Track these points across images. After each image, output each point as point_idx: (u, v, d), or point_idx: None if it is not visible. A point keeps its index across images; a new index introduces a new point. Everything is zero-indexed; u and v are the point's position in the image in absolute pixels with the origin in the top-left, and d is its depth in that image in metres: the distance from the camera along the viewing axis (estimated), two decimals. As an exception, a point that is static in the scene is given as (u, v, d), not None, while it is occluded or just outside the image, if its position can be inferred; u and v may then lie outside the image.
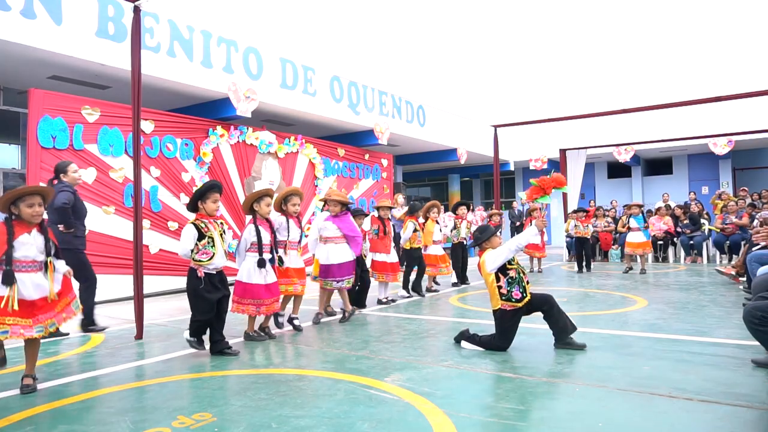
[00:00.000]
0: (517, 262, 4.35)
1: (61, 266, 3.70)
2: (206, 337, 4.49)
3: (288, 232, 5.22)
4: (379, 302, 6.98)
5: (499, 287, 4.26)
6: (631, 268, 10.36)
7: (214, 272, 4.37)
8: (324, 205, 6.31)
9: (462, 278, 8.99)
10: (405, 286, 7.71)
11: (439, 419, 2.81)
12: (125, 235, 7.34)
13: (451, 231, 8.70)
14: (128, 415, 3.00)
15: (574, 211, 11.48)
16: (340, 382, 3.53)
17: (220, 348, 4.39)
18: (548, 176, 4.52)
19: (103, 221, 7.49)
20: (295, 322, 5.43)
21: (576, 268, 10.86)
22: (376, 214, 7.08)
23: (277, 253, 5.01)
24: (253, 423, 2.81)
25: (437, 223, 8.22)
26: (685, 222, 12.36)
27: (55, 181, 5.40)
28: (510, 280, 4.25)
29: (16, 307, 3.35)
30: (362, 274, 6.50)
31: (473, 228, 9.24)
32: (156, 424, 2.84)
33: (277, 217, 5.22)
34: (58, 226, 5.21)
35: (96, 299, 5.65)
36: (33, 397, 3.37)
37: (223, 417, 2.91)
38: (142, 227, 5.23)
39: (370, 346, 4.61)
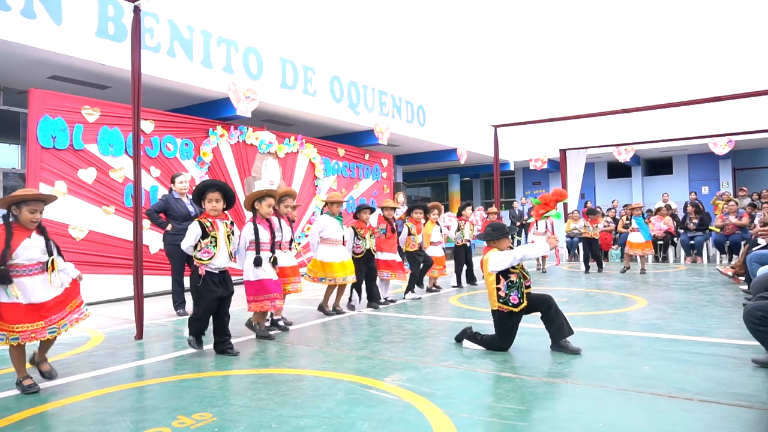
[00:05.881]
0: (521, 266, 4.34)
1: (71, 269, 3.69)
2: (203, 337, 4.48)
3: (281, 232, 5.24)
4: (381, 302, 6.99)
5: (498, 289, 4.27)
6: (628, 268, 10.39)
7: (216, 272, 4.36)
8: (324, 206, 6.42)
9: (469, 278, 8.99)
10: (411, 289, 7.64)
11: (439, 419, 2.81)
12: (125, 235, 7.34)
13: (456, 233, 8.68)
14: (128, 415, 3.00)
15: (586, 213, 11.44)
16: (340, 382, 3.52)
17: (222, 348, 4.39)
18: (549, 192, 4.62)
19: (103, 221, 7.49)
20: (280, 322, 5.45)
21: (583, 269, 10.79)
22: (381, 213, 7.14)
23: (273, 252, 5.02)
24: (253, 423, 2.81)
25: (437, 224, 8.20)
26: (695, 220, 12.32)
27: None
28: (510, 284, 4.25)
29: (20, 298, 3.35)
30: (368, 270, 6.63)
31: (476, 229, 9.26)
32: (156, 424, 2.84)
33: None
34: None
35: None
36: (33, 397, 3.37)
37: (223, 417, 2.91)
38: (142, 227, 5.23)
39: (370, 346, 4.61)
